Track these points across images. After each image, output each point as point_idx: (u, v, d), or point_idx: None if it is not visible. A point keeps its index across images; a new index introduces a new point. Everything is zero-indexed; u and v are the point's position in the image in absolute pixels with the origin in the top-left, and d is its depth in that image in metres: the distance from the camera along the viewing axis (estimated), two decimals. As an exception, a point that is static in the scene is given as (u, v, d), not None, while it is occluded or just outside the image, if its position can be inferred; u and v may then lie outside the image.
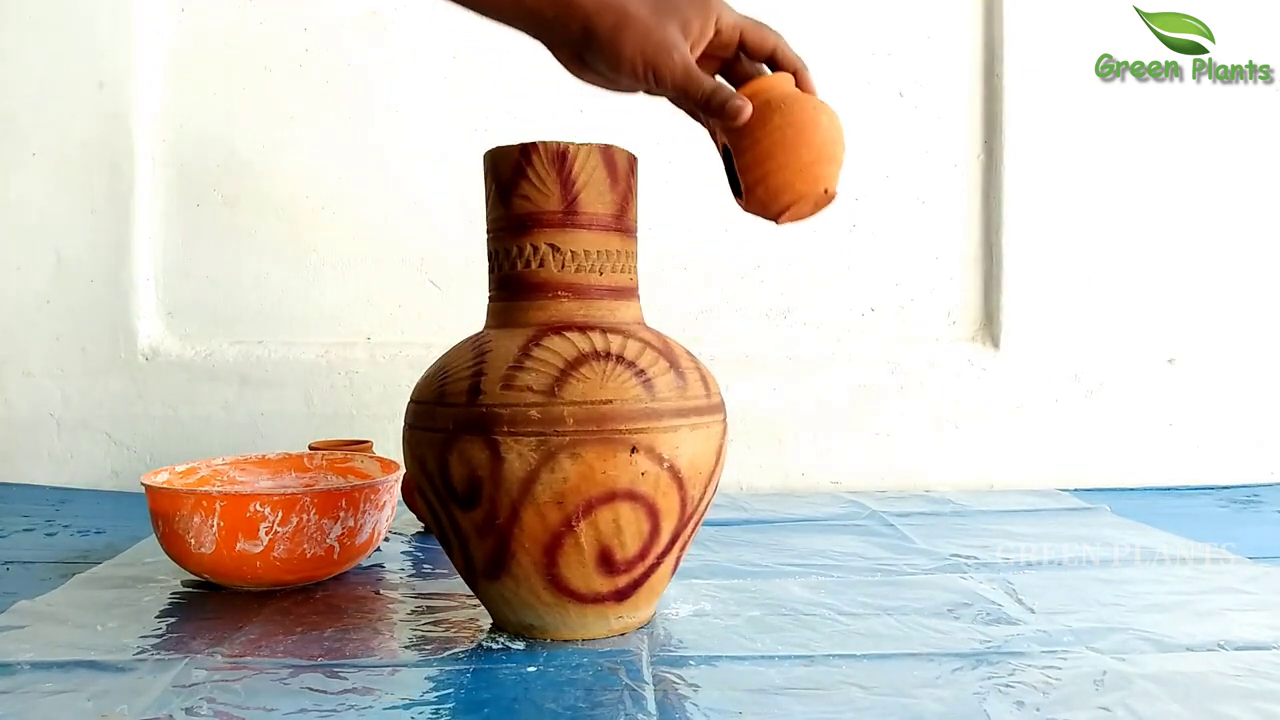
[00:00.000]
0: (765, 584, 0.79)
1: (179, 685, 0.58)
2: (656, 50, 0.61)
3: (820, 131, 0.62)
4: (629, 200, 0.67)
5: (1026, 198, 1.26)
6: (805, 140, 0.61)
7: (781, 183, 0.62)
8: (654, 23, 0.62)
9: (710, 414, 0.64)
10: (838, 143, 0.63)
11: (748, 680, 0.59)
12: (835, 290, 1.27)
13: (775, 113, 0.62)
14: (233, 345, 1.25)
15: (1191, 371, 1.27)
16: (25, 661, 0.61)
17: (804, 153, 0.61)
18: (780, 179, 0.62)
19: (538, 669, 0.60)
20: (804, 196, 0.62)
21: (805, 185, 0.62)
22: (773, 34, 0.65)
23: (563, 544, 0.61)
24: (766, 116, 0.62)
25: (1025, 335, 1.26)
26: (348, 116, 1.25)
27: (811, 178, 0.62)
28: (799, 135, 0.61)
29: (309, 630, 0.68)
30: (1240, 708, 0.54)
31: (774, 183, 0.62)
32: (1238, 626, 0.68)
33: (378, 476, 0.87)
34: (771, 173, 0.62)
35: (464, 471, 0.61)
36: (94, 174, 1.24)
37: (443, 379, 0.64)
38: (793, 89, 0.63)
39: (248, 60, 1.26)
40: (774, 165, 0.62)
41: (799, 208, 0.63)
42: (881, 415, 1.25)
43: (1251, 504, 1.15)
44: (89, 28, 1.23)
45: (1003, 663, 0.61)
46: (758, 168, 0.62)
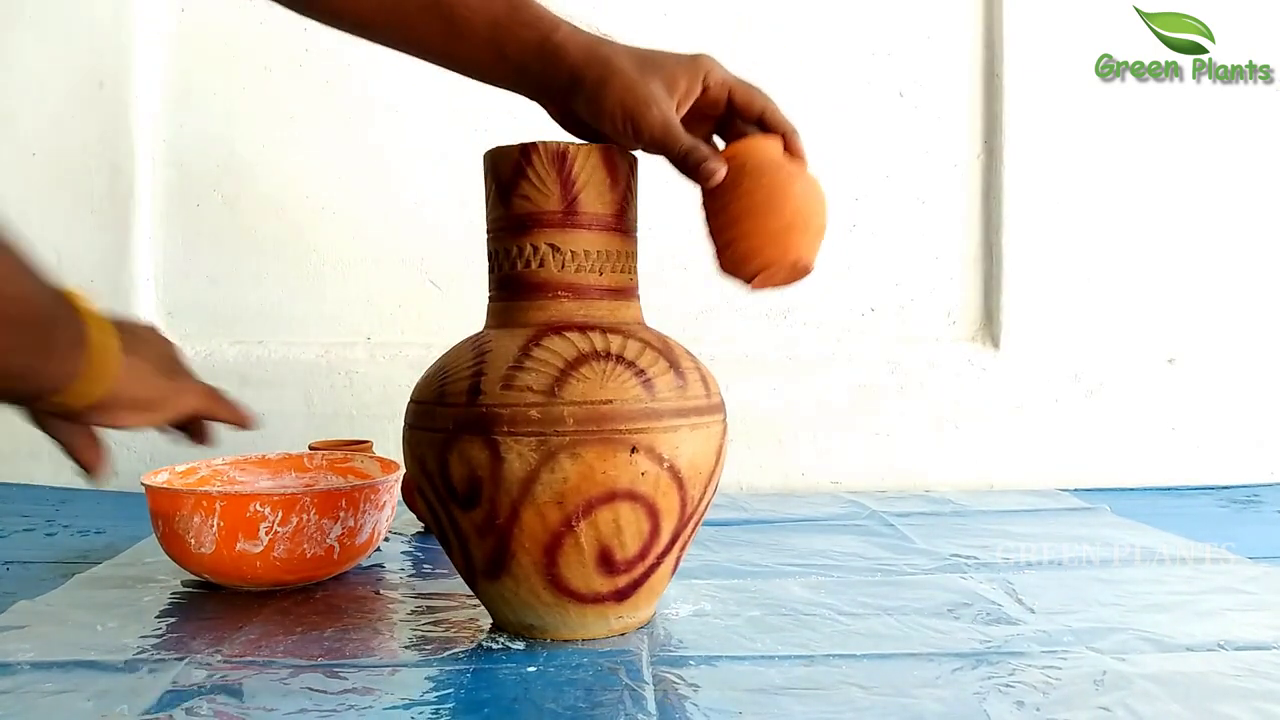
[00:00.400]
0: (765, 584, 0.79)
1: (179, 685, 0.58)
2: (636, 104, 0.61)
3: (792, 200, 0.61)
4: (629, 200, 0.67)
5: (1026, 198, 1.26)
6: (774, 208, 0.61)
7: (749, 249, 0.61)
8: (637, 77, 0.62)
9: (710, 414, 0.64)
10: (814, 213, 0.62)
11: (748, 680, 0.59)
12: (835, 290, 1.27)
13: (747, 178, 0.61)
14: (233, 345, 1.25)
15: (1191, 371, 1.27)
16: (25, 661, 0.61)
17: (772, 220, 0.61)
18: (748, 245, 0.61)
19: (538, 669, 0.60)
20: (773, 264, 0.61)
21: (774, 253, 0.61)
22: (761, 96, 0.65)
23: (563, 544, 0.61)
24: (738, 180, 0.61)
25: (1025, 335, 1.26)
26: (348, 116, 1.25)
27: (780, 246, 0.61)
28: (768, 202, 0.61)
29: (309, 630, 0.68)
30: (1240, 708, 0.54)
31: (742, 248, 0.62)
32: (1238, 626, 0.68)
33: (378, 476, 0.87)
34: (739, 238, 0.61)
35: (464, 471, 0.61)
36: (94, 174, 1.24)
37: (443, 379, 0.64)
38: (773, 154, 0.63)
39: (248, 60, 1.26)
40: (741, 231, 0.61)
41: (769, 275, 0.63)
42: (881, 415, 1.25)
43: (1251, 504, 1.15)
44: (89, 28, 1.23)
45: (1003, 663, 0.61)
46: (726, 231, 0.62)
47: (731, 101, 0.65)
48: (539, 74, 0.64)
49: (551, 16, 0.64)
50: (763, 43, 1.26)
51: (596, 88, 0.62)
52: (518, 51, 0.63)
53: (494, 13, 0.64)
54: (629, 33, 1.00)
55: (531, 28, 0.63)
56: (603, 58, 0.62)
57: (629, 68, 0.62)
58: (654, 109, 0.61)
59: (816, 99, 1.26)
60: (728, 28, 1.26)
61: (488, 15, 0.64)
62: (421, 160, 1.25)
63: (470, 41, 0.64)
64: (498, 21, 0.63)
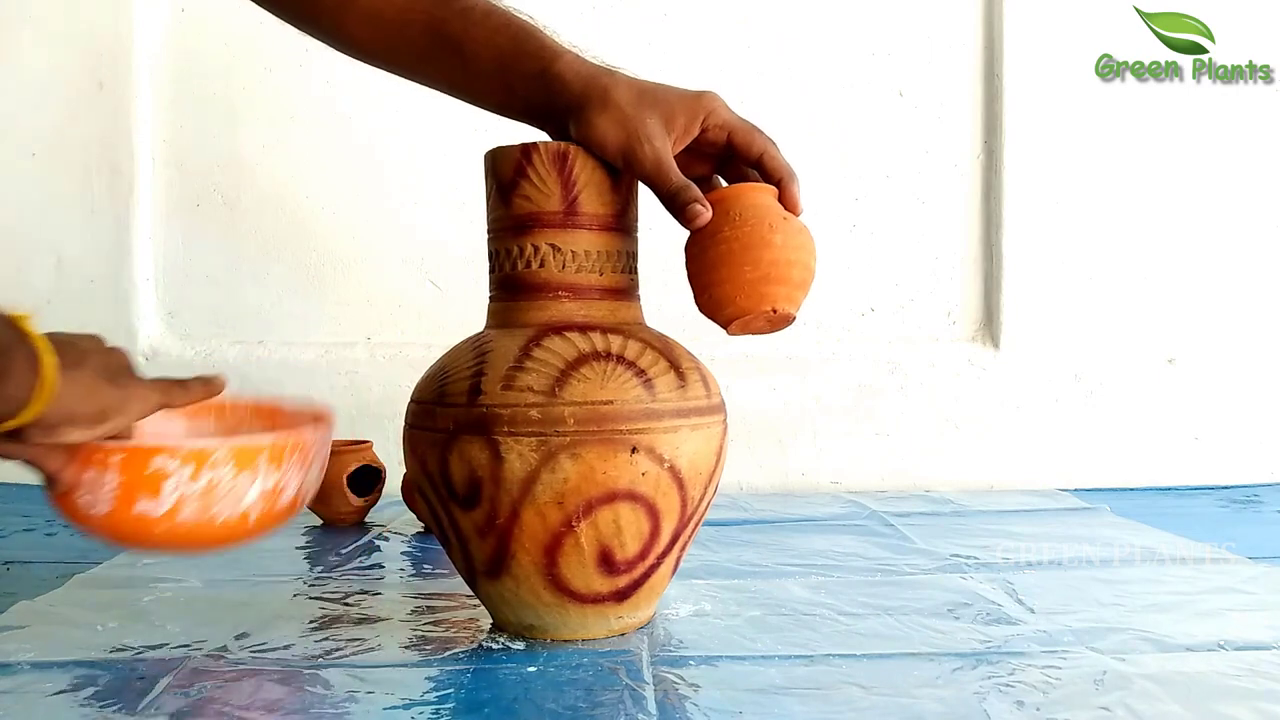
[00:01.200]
0: (765, 584, 0.79)
1: (179, 685, 0.58)
2: (629, 138, 0.62)
3: (771, 251, 0.60)
4: (629, 200, 0.67)
5: (1026, 198, 1.26)
6: (751, 258, 0.60)
7: (724, 295, 0.61)
8: (633, 111, 0.62)
9: (711, 414, 0.64)
10: (794, 264, 0.61)
11: (748, 680, 0.59)
12: (835, 290, 1.27)
13: (729, 225, 0.60)
14: (233, 345, 1.25)
15: (1191, 371, 1.27)
16: (25, 661, 0.61)
17: (748, 270, 0.60)
18: (722, 291, 0.61)
19: (538, 669, 0.60)
20: (748, 312, 0.61)
21: (748, 302, 0.60)
22: (762, 139, 0.64)
23: (563, 544, 0.61)
24: (719, 226, 0.61)
25: (1025, 335, 1.26)
26: (348, 116, 1.25)
27: (756, 295, 0.60)
28: (745, 252, 0.60)
29: (309, 630, 0.68)
30: (1240, 708, 0.54)
31: (717, 294, 0.61)
32: (1238, 626, 0.68)
33: (305, 427, 0.74)
34: (714, 284, 0.61)
35: (464, 471, 0.61)
36: (94, 174, 1.24)
37: (443, 379, 0.64)
38: (761, 202, 0.62)
39: (248, 60, 1.25)
40: (717, 277, 0.61)
41: (747, 323, 0.62)
42: (881, 415, 1.25)
43: (1251, 504, 1.15)
44: (89, 28, 1.23)
45: (1003, 662, 0.61)
46: (703, 275, 0.61)
47: (731, 143, 0.64)
48: (542, 104, 0.65)
49: (555, 46, 0.65)
50: (763, 43, 1.26)
51: (592, 117, 0.62)
52: (522, 83, 0.64)
53: (500, 46, 0.65)
54: (629, 33, 1.01)
55: (534, 58, 0.64)
56: (601, 88, 0.63)
57: (626, 100, 0.62)
58: (646, 145, 0.61)
59: (816, 99, 1.26)
60: (728, 28, 1.26)
61: (494, 49, 0.65)
62: (421, 160, 1.25)
63: (481, 77, 0.66)
64: (503, 54, 0.64)
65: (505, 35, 0.65)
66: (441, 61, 0.67)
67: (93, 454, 0.61)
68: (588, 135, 0.63)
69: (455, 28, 0.66)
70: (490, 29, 0.65)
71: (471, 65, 0.65)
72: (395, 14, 0.67)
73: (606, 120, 0.62)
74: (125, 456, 0.61)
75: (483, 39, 0.65)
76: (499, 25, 0.66)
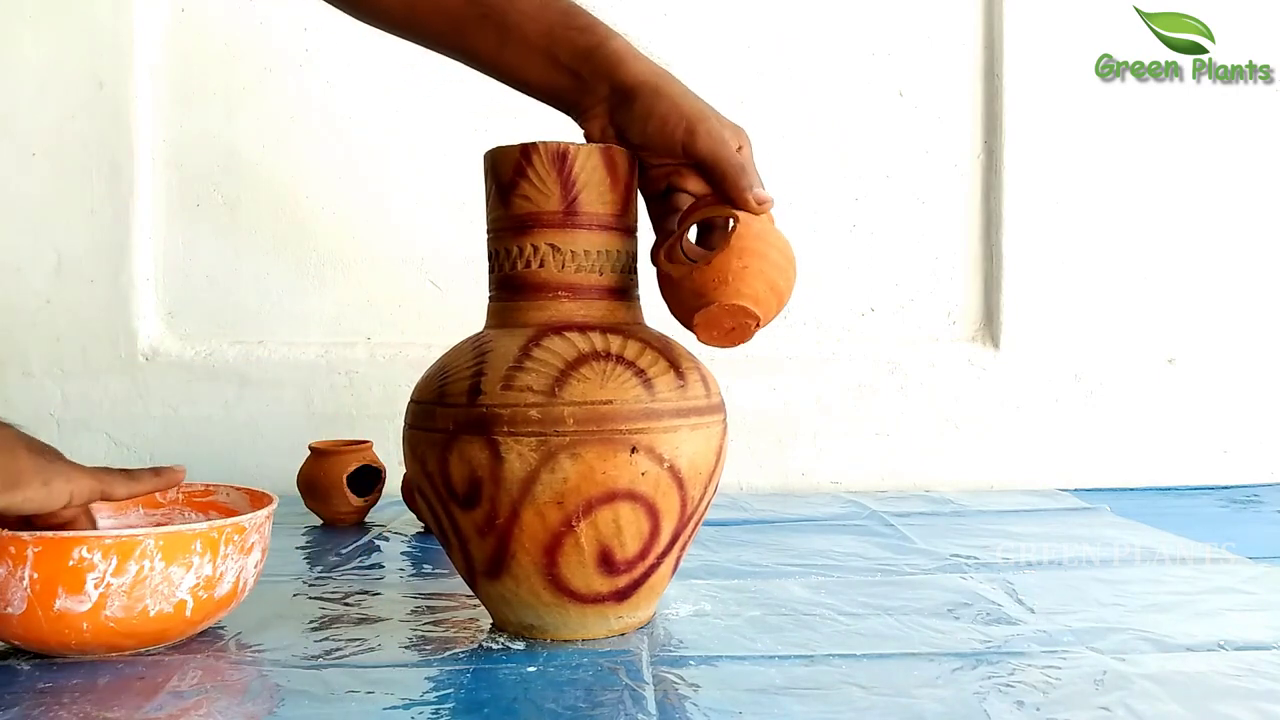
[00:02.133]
0: (765, 584, 0.79)
1: (179, 685, 0.58)
2: (694, 114, 0.62)
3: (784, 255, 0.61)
4: (629, 200, 0.67)
5: (1026, 198, 1.26)
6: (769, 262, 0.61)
7: (758, 290, 0.60)
8: (695, 100, 0.63)
9: (710, 414, 0.64)
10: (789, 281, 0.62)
11: (748, 680, 0.59)
12: (835, 290, 1.27)
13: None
14: (233, 345, 1.25)
15: (1191, 371, 1.27)
16: (25, 661, 0.62)
17: (769, 271, 0.60)
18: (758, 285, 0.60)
19: (538, 669, 0.60)
20: (771, 311, 0.61)
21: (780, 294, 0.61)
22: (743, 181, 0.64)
23: (563, 544, 0.61)
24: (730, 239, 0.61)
25: (1025, 335, 1.26)
26: (348, 116, 1.25)
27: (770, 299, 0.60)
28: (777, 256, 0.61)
29: (308, 630, 0.68)
30: (1240, 708, 0.54)
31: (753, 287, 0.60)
32: (1238, 626, 0.68)
33: (244, 512, 0.71)
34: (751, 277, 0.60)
35: (464, 471, 0.61)
36: (94, 174, 1.24)
37: (443, 379, 0.64)
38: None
39: (248, 60, 1.25)
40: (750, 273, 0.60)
41: (725, 315, 0.61)
42: (881, 415, 1.25)
43: (1251, 504, 1.15)
44: (88, 27, 1.23)
45: (1003, 662, 0.61)
46: (733, 279, 0.59)
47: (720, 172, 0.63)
48: (589, 78, 0.64)
49: (605, 25, 0.65)
50: (763, 43, 1.26)
51: (655, 95, 0.62)
52: (571, 56, 0.64)
53: (549, 20, 0.65)
54: (628, 32, 1.00)
55: (587, 33, 0.64)
56: (660, 72, 0.64)
57: (687, 90, 0.64)
58: (711, 121, 0.62)
59: (816, 99, 1.26)
60: (728, 28, 1.26)
61: (543, 22, 0.65)
62: (421, 160, 1.25)
63: (522, 49, 0.65)
64: (552, 27, 0.64)
65: (554, 9, 0.65)
66: (479, 31, 0.66)
67: (5, 547, 0.57)
68: (650, 109, 0.62)
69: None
70: (538, 3, 0.65)
71: (514, 34, 0.65)
72: None
73: (669, 98, 0.62)
74: (43, 549, 0.57)
75: (531, 11, 0.65)
76: (547, 0, 0.66)
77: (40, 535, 0.58)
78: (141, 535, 0.59)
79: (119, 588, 0.59)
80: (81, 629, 0.59)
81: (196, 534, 0.61)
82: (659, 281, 0.64)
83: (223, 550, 0.63)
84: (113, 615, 0.59)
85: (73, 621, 0.59)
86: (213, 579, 0.63)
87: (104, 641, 0.61)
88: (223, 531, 0.63)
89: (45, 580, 0.58)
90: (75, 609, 0.58)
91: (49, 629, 0.59)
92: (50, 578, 0.58)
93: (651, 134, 0.63)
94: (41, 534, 0.58)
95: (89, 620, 0.59)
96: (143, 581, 0.59)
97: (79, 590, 0.58)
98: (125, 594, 0.59)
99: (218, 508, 0.76)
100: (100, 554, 0.58)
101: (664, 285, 0.64)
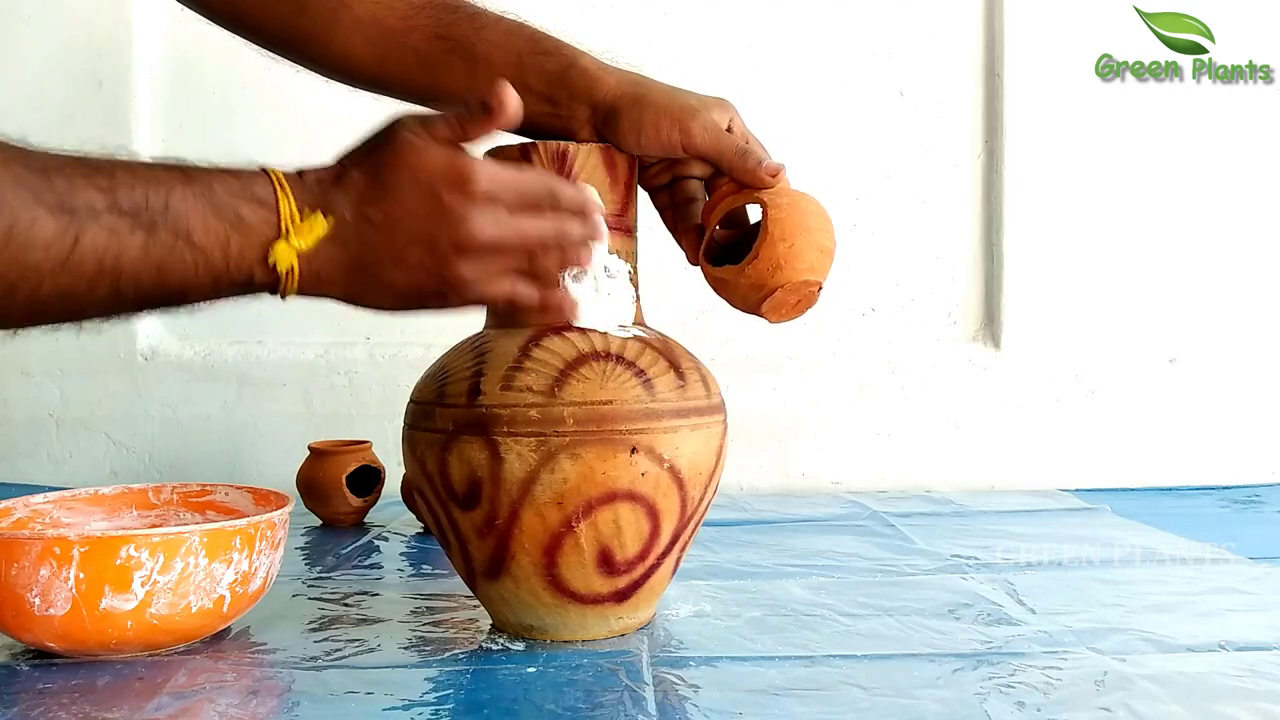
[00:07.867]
0: (766, 584, 0.79)
1: (179, 685, 0.58)
2: (682, 113, 0.63)
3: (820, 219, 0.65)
4: (629, 200, 0.67)
5: (1026, 198, 1.26)
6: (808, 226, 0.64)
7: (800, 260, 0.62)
8: (675, 95, 0.64)
9: (711, 414, 0.64)
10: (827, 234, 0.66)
11: (748, 681, 0.59)
12: (835, 290, 1.26)
13: None
14: (232, 345, 1.25)
15: (1192, 371, 1.27)
16: (25, 662, 0.61)
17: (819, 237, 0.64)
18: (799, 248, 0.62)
19: (537, 670, 0.60)
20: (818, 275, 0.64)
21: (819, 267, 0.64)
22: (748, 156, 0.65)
23: (562, 544, 0.61)
24: None
25: (1026, 335, 1.26)
26: (347, 115, 1.25)
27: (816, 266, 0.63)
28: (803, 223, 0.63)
29: (308, 630, 0.68)
30: (1241, 708, 0.54)
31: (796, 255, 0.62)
32: (1238, 627, 0.68)
33: (249, 511, 0.73)
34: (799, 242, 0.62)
35: (464, 472, 0.61)
36: (93, 174, 1.23)
37: (442, 379, 0.64)
38: None
39: (248, 60, 1.25)
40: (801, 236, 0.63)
41: (792, 291, 0.64)
42: (882, 415, 1.25)
43: (1251, 504, 1.15)
44: (87, 27, 1.23)
45: (1003, 663, 0.61)
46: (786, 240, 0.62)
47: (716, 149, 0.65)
48: (566, 102, 0.64)
49: (572, 47, 0.65)
50: (763, 42, 1.26)
51: (637, 105, 0.63)
52: (542, 82, 0.64)
53: (515, 47, 0.65)
54: (628, 32, 1.00)
55: (554, 56, 0.64)
56: (635, 80, 0.64)
57: (665, 92, 0.64)
58: (701, 115, 0.62)
59: (816, 99, 1.26)
60: (728, 27, 1.25)
61: (510, 50, 0.65)
62: (421, 160, 1.25)
63: (490, 78, 0.65)
64: (520, 54, 0.65)
65: (520, 37, 0.65)
66: (447, 67, 0.66)
67: (49, 549, 0.58)
68: (637, 120, 0.62)
69: (464, 30, 0.66)
70: (504, 31, 0.66)
71: (483, 68, 0.65)
72: (398, 21, 0.67)
73: (653, 104, 0.63)
74: (88, 549, 0.58)
75: (497, 40, 0.65)
76: (512, 28, 0.66)
77: (86, 535, 0.59)
78: (187, 533, 0.61)
79: (165, 585, 0.60)
80: (125, 627, 0.60)
81: (236, 530, 0.63)
82: (709, 284, 0.65)
83: (257, 546, 0.65)
84: (157, 613, 0.60)
85: (117, 620, 0.60)
86: (248, 575, 0.65)
87: (144, 640, 0.62)
88: (259, 528, 0.65)
89: (91, 580, 0.58)
90: (121, 607, 0.59)
91: (92, 628, 0.60)
92: (97, 577, 0.59)
93: (646, 143, 0.63)
94: (87, 534, 0.60)
95: (134, 618, 0.60)
96: (187, 578, 0.61)
97: (126, 589, 0.59)
98: (171, 591, 0.60)
99: (215, 507, 0.77)
100: (148, 552, 0.59)
101: (717, 287, 0.65)
